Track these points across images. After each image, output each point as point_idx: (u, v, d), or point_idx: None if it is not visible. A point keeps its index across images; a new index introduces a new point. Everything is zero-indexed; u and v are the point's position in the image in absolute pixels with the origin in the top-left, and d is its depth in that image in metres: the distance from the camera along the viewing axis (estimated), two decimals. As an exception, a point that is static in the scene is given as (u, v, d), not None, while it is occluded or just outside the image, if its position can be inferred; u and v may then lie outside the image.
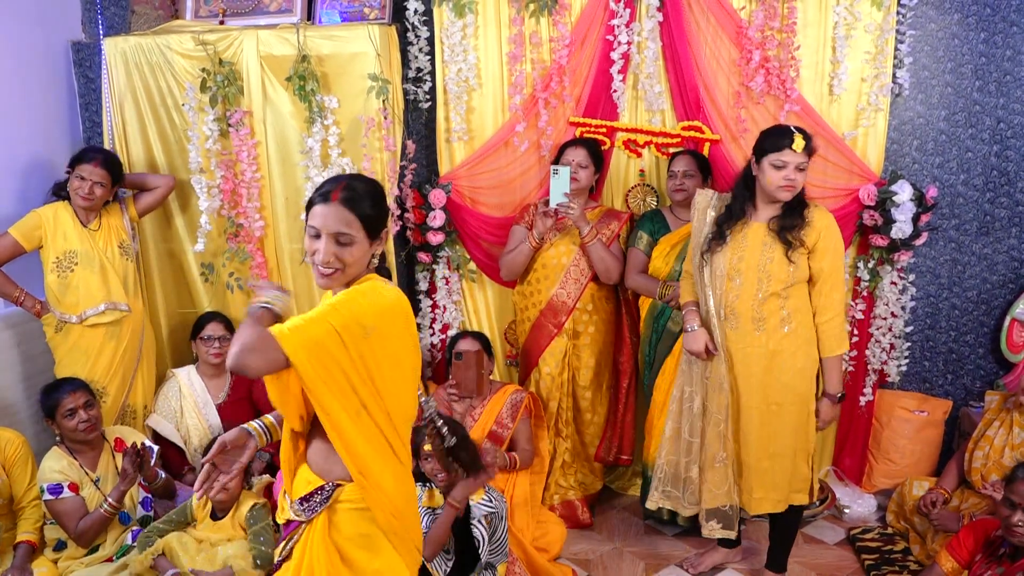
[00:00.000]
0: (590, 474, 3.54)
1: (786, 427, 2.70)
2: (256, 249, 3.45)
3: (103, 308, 3.15)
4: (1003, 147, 3.38)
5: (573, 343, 3.36)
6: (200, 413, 3.36)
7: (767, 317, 2.65)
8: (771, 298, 2.65)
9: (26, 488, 2.85)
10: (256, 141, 3.37)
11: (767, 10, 3.21)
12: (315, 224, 1.70)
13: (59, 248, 3.13)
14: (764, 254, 2.64)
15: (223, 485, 1.77)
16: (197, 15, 3.59)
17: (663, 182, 3.48)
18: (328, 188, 1.72)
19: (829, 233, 2.62)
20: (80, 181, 3.11)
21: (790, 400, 2.68)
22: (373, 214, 1.73)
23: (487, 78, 3.47)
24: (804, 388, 2.70)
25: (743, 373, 2.70)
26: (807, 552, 3.22)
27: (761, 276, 2.65)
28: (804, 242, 2.60)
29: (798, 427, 2.71)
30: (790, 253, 2.60)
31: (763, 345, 2.66)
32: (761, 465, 2.72)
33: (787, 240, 2.60)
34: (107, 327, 3.18)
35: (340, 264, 1.70)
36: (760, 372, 2.68)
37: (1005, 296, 3.49)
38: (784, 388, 2.68)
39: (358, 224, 1.70)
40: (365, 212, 1.71)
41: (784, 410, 2.69)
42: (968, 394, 3.61)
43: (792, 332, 2.66)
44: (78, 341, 3.15)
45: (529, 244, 3.28)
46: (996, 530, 2.51)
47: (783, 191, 2.57)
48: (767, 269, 2.64)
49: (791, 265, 2.61)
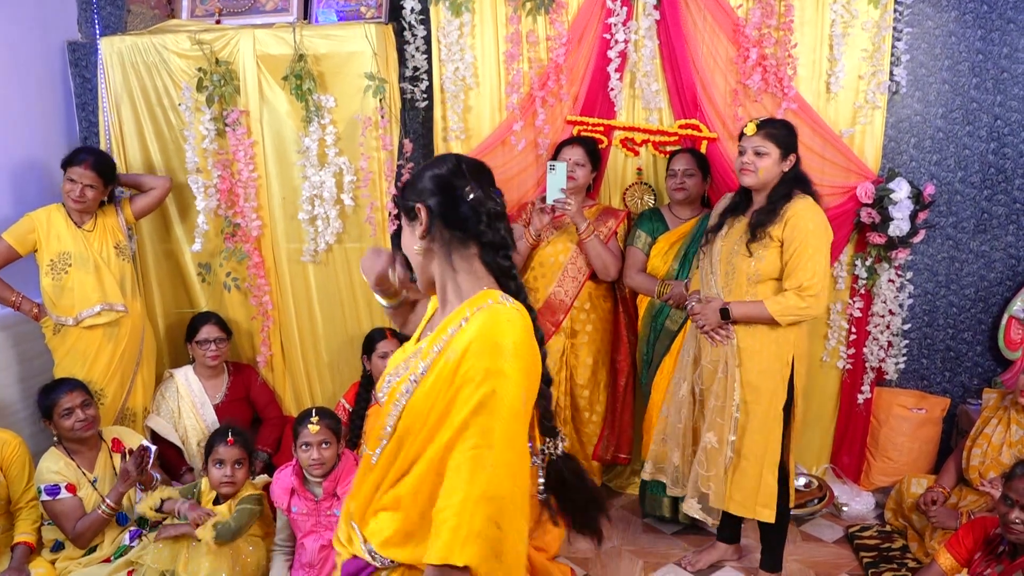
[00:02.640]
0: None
1: (751, 428, 2.68)
2: (253, 249, 3.44)
3: (98, 309, 3.14)
4: (1000, 144, 3.38)
5: (571, 342, 3.36)
6: (198, 413, 3.36)
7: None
8: (736, 293, 2.66)
9: (24, 489, 2.84)
10: (253, 141, 3.36)
11: (764, 8, 3.21)
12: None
13: (53, 250, 3.11)
14: (734, 248, 2.67)
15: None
16: (193, 15, 3.58)
17: (661, 180, 3.48)
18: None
19: (796, 219, 2.57)
20: (71, 184, 3.10)
21: (750, 400, 2.67)
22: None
23: (484, 77, 3.47)
24: (770, 389, 2.67)
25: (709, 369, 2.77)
26: (805, 550, 3.22)
27: (728, 269, 2.69)
28: (771, 236, 2.60)
29: (764, 430, 2.68)
30: (751, 245, 2.61)
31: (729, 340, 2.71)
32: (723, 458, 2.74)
33: (753, 233, 2.61)
34: (104, 328, 3.17)
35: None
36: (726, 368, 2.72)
37: (1003, 293, 3.49)
38: (748, 387, 2.67)
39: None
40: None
41: (749, 409, 2.67)
42: (966, 392, 3.61)
43: (755, 330, 2.65)
44: (76, 343, 3.14)
45: (526, 241, 3.27)
46: (995, 528, 2.51)
47: (742, 175, 2.66)
48: (732, 262, 2.67)
49: (751, 258, 2.62)
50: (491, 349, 1.33)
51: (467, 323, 1.38)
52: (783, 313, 2.59)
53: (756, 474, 2.69)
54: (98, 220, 3.22)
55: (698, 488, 2.80)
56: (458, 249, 1.45)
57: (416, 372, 1.42)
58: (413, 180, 1.49)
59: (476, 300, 1.41)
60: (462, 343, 1.35)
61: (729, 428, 2.69)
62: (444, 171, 1.46)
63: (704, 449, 2.76)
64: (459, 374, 1.33)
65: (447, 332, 1.40)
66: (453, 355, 1.36)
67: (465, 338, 1.36)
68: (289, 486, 2.76)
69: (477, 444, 1.30)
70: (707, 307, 2.71)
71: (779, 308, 2.59)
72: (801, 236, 2.56)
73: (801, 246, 2.56)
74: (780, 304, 2.59)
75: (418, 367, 1.42)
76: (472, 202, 1.43)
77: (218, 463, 2.77)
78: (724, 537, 3.11)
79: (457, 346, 1.36)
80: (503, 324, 1.36)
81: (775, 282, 2.65)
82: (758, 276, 2.63)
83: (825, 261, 2.60)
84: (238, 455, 2.78)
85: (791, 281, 2.59)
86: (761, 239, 2.60)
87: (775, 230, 2.59)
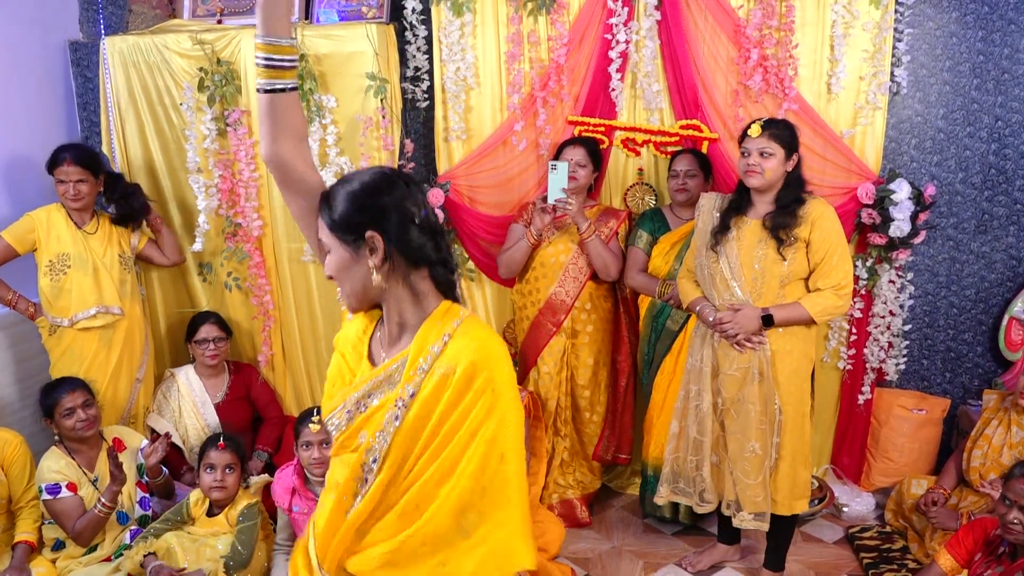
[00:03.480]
0: (589, 473, 3.54)
1: (788, 428, 2.69)
2: (254, 248, 3.44)
3: (94, 312, 3.13)
4: (1001, 145, 3.38)
5: (572, 342, 3.36)
6: (198, 413, 3.36)
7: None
8: (767, 296, 2.65)
9: (24, 488, 2.85)
10: (254, 140, 3.36)
11: (765, 9, 3.21)
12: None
13: (52, 251, 3.11)
14: (758, 251, 2.65)
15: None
16: (195, 14, 3.59)
17: (662, 181, 3.48)
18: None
19: (822, 221, 2.61)
20: (62, 184, 3.09)
21: (784, 401, 2.68)
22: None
23: (485, 77, 3.47)
24: (799, 387, 2.70)
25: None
26: (805, 550, 3.22)
27: (756, 274, 2.66)
28: (798, 237, 2.61)
29: (797, 428, 2.70)
30: (782, 249, 2.61)
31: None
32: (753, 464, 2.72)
33: (779, 237, 2.61)
34: (100, 331, 3.16)
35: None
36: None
37: (1003, 294, 3.49)
38: (783, 388, 2.68)
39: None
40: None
41: (785, 410, 2.68)
42: (966, 392, 3.61)
43: (787, 331, 2.66)
44: (71, 344, 3.14)
45: (527, 241, 3.28)
46: (996, 529, 2.51)
47: (748, 176, 2.64)
48: (761, 267, 2.65)
49: (784, 262, 2.62)
50: (497, 359, 1.40)
51: (452, 337, 1.40)
52: (823, 312, 2.63)
53: (793, 471, 2.72)
54: (100, 223, 3.22)
55: (733, 497, 2.76)
56: (414, 271, 1.44)
57: (402, 397, 1.41)
58: (358, 205, 1.40)
59: (444, 315, 1.44)
60: (465, 356, 1.37)
61: (772, 431, 2.69)
62: (397, 195, 1.41)
63: (746, 458, 2.72)
64: (473, 388, 1.36)
65: (429, 351, 1.40)
66: (456, 369, 1.37)
67: (464, 351, 1.38)
68: (290, 486, 2.77)
69: (504, 455, 1.38)
70: (741, 316, 2.64)
71: (819, 308, 2.62)
72: (833, 237, 2.62)
73: (833, 246, 2.61)
74: (820, 304, 2.62)
75: (403, 391, 1.41)
76: (422, 224, 1.42)
77: (209, 468, 2.77)
78: (725, 538, 3.11)
79: (454, 360, 1.38)
80: (492, 334, 1.45)
81: (802, 282, 2.67)
82: (789, 278, 2.64)
83: (851, 258, 2.70)
84: (229, 460, 2.78)
85: (827, 280, 2.62)
86: (789, 242, 2.61)
87: (801, 231, 2.61)
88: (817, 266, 2.63)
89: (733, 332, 2.66)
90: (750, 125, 2.64)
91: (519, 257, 3.31)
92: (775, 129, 2.61)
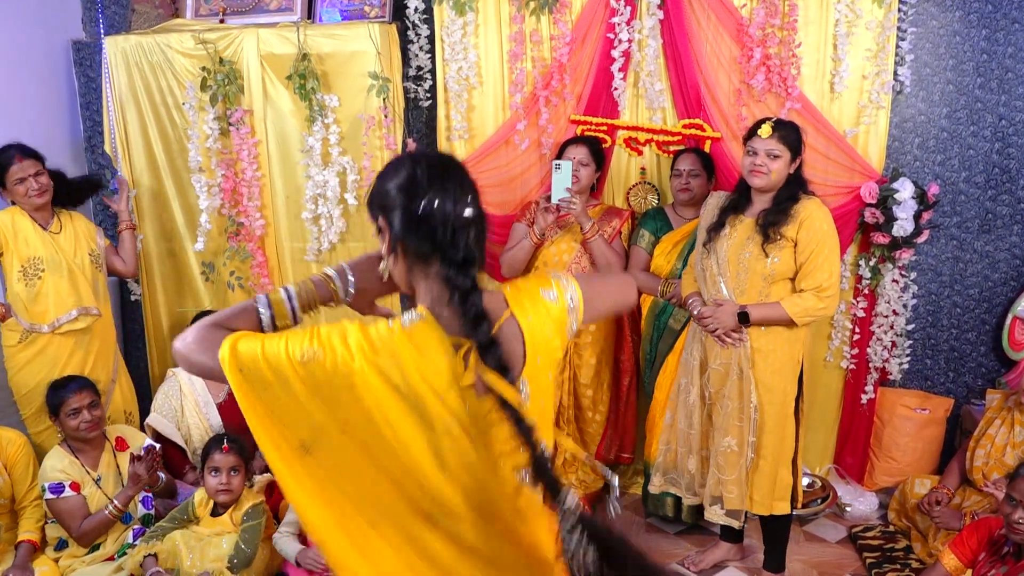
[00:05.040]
0: (591, 472, 3.53)
1: (768, 428, 2.69)
2: (257, 248, 3.45)
3: (75, 314, 3.10)
4: (1005, 144, 3.37)
5: (574, 341, 3.35)
6: (201, 412, 3.36)
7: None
8: (750, 293, 2.65)
9: (28, 487, 2.85)
10: (256, 140, 3.37)
11: (768, 8, 3.20)
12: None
13: (23, 256, 3.05)
14: (745, 248, 2.65)
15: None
16: (197, 14, 3.59)
17: (664, 180, 3.48)
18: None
19: (811, 221, 2.59)
20: (22, 184, 3.01)
21: (764, 400, 2.68)
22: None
23: (488, 76, 3.47)
24: (783, 388, 2.68)
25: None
26: (808, 550, 3.22)
27: (740, 270, 2.67)
28: (785, 236, 2.60)
29: (779, 428, 2.69)
30: (766, 246, 2.60)
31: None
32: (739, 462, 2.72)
33: (767, 234, 2.60)
34: (77, 335, 3.13)
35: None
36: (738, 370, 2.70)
37: (1007, 294, 3.49)
38: (763, 387, 2.67)
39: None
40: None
41: (764, 409, 2.68)
42: (970, 392, 3.60)
43: (770, 331, 2.65)
44: (45, 349, 3.09)
45: (530, 240, 3.27)
46: (1000, 529, 2.50)
47: (752, 176, 2.63)
48: (745, 263, 2.65)
49: (767, 259, 2.61)
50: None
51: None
52: (803, 314, 2.61)
53: (773, 472, 2.71)
54: (64, 222, 3.17)
55: (717, 492, 2.78)
56: (423, 265, 1.28)
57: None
58: (373, 189, 1.32)
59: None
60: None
61: (748, 429, 2.69)
62: (399, 180, 1.27)
63: (722, 453, 2.74)
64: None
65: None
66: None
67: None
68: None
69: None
70: (720, 311, 2.67)
71: (798, 309, 2.60)
72: (818, 237, 2.59)
73: (818, 247, 2.58)
74: (799, 305, 2.60)
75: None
76: (424, 215, 1.24)
77: (214, 471, 2.76)
78: (727, 537, 3.10)
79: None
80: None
81: (788, 282, 2.66)
82: (774, 276, 2.64)
83: (839, 261, 2.66)
84: (233, 462, 2.77)
85: (809, 282, 2.60)
86: (775, 240, 2.60)
87: (789, 230, 2.60)
88: (802, 266, 2.61)
89: (712, 327, 2.69)
90: (760, 125, 2.62)
91: (522, 256, 3.31)
92: (784, 131, 2.60)
